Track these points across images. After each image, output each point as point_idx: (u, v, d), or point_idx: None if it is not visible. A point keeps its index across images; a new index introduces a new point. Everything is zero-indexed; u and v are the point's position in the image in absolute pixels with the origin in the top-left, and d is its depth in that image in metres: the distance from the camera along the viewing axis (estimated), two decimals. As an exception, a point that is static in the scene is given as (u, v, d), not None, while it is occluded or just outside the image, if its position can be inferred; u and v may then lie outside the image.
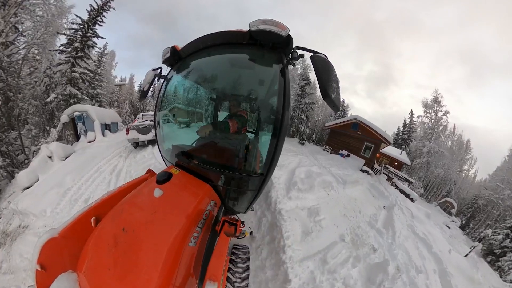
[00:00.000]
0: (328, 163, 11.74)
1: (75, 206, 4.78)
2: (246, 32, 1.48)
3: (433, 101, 26.93)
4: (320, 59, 1.23)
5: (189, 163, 1.94)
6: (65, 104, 14.17)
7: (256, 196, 2.05)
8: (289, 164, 7.21)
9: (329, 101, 1.18)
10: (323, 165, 10.64)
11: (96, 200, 1.63)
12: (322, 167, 9.67)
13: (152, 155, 7.25)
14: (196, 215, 1.50)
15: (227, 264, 2.10)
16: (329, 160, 13.04)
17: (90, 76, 16.32)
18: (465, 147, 30.66)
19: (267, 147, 1.68)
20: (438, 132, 25.74)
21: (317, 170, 7.34)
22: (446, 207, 23.21)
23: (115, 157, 7.75)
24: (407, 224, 6.68)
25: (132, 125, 8.56)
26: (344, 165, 13.03)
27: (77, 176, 6.21)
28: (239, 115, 2.55)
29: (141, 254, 1.15)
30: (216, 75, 2.58)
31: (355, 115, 18.05)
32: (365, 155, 16.12)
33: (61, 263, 1.28)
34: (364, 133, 16.38)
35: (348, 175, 9.17)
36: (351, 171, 10.93)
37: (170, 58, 2.02)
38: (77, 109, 11.73)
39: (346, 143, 17.45)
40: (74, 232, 1.41)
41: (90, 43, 15.70)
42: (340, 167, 11.27)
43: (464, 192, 28.30)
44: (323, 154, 15.73)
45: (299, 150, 14.64)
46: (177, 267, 1.20)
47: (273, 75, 1.73)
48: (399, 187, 15.47)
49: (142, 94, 2.24)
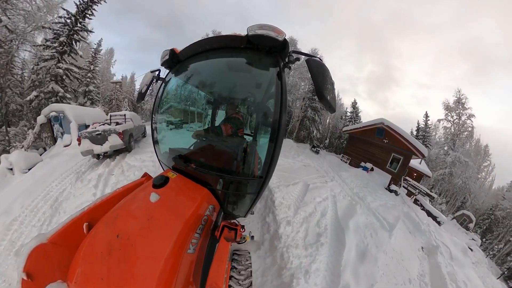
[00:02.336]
0: (356, 184, 9.98)
1: (17, 246, 3.64)
2: (244, 37, 1.55)
3: (456, 102, 24.33)
4: (315, 62, 1.31)
5: (187, 167, 1.92)
6: (47, 103, 13.51)
7: (255, 200, 2.09)
8: (325, 209, 5.23)
9: (325, 102, 1.24)
10: (355, 190, 8.72)
11: (89, 205, 1.62)
12: (358, 198, 7.73)
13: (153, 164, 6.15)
14: (194, 220, 1.47)
15: (228, 271, 1.97)
16: (355, 178, 11.09)
17: (77, 72, 15.58)
18: (483, 153, 28.49)
19: (265, 150, 1.72)
20: (461, 139, 23.19)
21: (363, 216, 5.72)
22: (463, 221, 21.58)
23: (71, 175, 6.16)
24: (447, 271, 5.42)
25: (84, 133, 6.84)
26: (372, 184, 11.14)
27: (26, 200, 4.89)
28: (233, 118, 2.60)
29: (137, 263, 1.12)
30: (214, 78, 2.64)
31: (381, 118, 14.75)
32: (391, 168, 13.81)
33: (49, 272, 1.22)
34: (391, 142, 13.81)
35: (386, 208, 7.86)
36: (383, 196, 9.65)
37: (169, 60, 2.07)
38: (53, 109, 10.65)
39: (369, 153, 14.88)
40: (64, 238, 1.37)
41: (77, 37, 14.96)
42: (372, 191, 9.71)
43: (480, 201, 26.47)
44: (346, 169, 13.40)
45: (317, 162, 12.63)
46: (175, 276, 1.16)
47: (270, 79, 1.81)
48: (425, 207, 13.38)
49: (139, 95, 2.27)
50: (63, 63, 14.39)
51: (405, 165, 13.44)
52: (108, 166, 6.43)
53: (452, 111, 24.71)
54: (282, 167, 7.85)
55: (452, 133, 24.06)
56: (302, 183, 6.39)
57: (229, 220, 2.27)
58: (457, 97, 24.64)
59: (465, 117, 24.05)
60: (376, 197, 9.10)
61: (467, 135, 24.03)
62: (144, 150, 8.07)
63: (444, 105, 25.38)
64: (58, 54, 14.22)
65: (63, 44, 14.30)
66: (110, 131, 7.00)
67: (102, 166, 6.46)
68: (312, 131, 18.76)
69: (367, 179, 12.00)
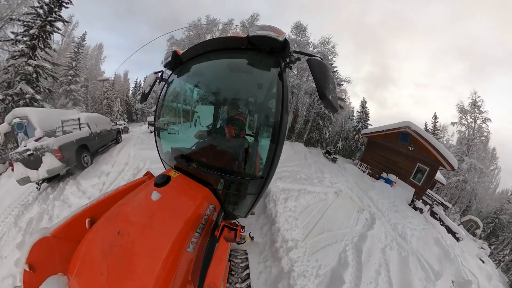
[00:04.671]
0: (385, 205, 9.31)
1: None
2: (245, 38, 1.58)
3: (472, 105, 23.17)
4: (316, 61, 1.30)
5: (188, 166, 1.96)
6: (15, 107, 11.84)
7: (256, 200, 2.12)
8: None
9: (327, 102, 1.23)
10: (389, 218, 7.93)
11: (92, 201, 1.65)
12: (399, 236, 6.90)
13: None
14: (195, 219, 1.50)
15: (227, 271, 2.03)
16: (382, 196, 10.16)
17: (50, 69, 13.85)
18: (491, 157, 27.90)
19: (267, 150, 1.74)
20: (476, 144, 22.26)
21: (416, 272, 4.70)
22: (470, 227, 21.37)
23: (16, 209, 4.61)
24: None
25: (15, 154, 5.10)
26: (398, 203, 10.31)
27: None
28: (236, 120, 2.61)
29: (137, 260, 1.15)
30: (215, 80, 2.68)
31: (407, 121, 12.81)
32: (415, 180, 12.28)
33: (51, 265, 1.26)
34: (417, 150, 12.17)
35: (421, 240, 7.15)
36: (412, 219, 8.77)
37: (171, 62, 2.11)
38: (17, 114, 8.95)
39: (390, 162, 13.18)
40: (67, 232, 1.41)
41: (50, 29, 13.11)
42: (404, 216, 8.70)
43: (484, 204, 26.27)
44: (368, 182, 11.55)
45: (342, 178, 10.42)
46: (174, 274, 1.18)
47: (272, 79, 1.82)
48: (445, 222, 12.60)
49: (143, 96, 2.32)
50: (34, 59, 12.68)
51: (431, 177, 11.89)
52: (46, 201, 4.67)
53: (467, 114, 23.68)
54: (313, 209, 5.41)
55: (467, 138, 23.01)
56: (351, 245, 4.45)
57: (229, 220, 2.28)
58: (473, 99, 23.53)
59: (480, 121, 23.07)
60: (407, 222, 8.33)
61: (483, 141, 22.70)
62: (98, 168, 6.20)
63: (458, 107, 24.25)
64: (29, 50, 12.47)
65: (34, 38, 12.49)
66: (43, 149, 5.11)
67: (37, 203, 4.70)
68: (325, 133, 17.48)
69: (393, 196, 11.12)
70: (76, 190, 5.08)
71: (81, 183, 5.40)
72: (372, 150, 14.78)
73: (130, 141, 10.28)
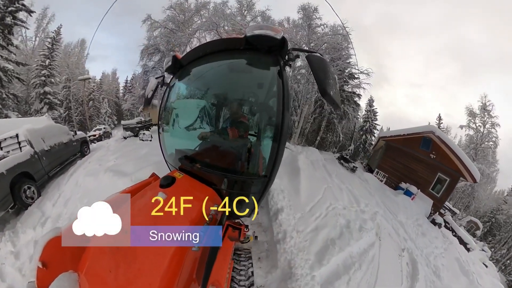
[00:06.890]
0: (411, 227, 8.72)
1: None
2: (242, 38, 1.59)
3: (482, 109, 22.66)
4: (316, 57, 1.29)
5: (192, 167, 2.00)
6: None
7: (260, 199, 2.10)
8: None
9: (329, 99, 1.22)
10: (424, 251, 7.51)
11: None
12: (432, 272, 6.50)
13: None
14: (200, 219, 1.55)
15: (231, 269, 1.96)
16: (406, 214, 9.84)
17: (13, 70, 11.90)
18: (491, 160, 28.07)
19: (269, 149, 1.75)
20: (484, 149, 22.03)
21: None
22: (470, 228, 22.00)
23: None
24: None
25: None
26: (421, 221, 9.87)
27: None
28: (239, 122, 2.61)
29: (143, 258, 1.21)
30: (215, 81, 2.72)
31: (430, 125, 12.30)
32: (433, 192, 11.41)
33: (62, 262, 1.33)
34: (439, 158, 11.14)
35: (447, 268, 6.72)
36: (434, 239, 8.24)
37: (172, 66, 2.14)
38: None
39: (409, 170, 11.98)
40: None
41: (11, 21, 10.90)
42: (430, 240, 8.15)
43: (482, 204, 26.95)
44: (398, 204, 9.72)
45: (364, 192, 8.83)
46: (179, 271, 1.24)
47: (271, 78, 1.84)
48: (457, 233, 12.33)
49: (146, 101, 2.37)
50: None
51: (451, 189, 11.07)
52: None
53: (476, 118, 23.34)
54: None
55: (475, 142, 22.60)
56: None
57: (234, 219, 2.30)
58: (483, 103, 23.07)
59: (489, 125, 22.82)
60: (433, 248, 7.65)
61: (492, 146, 21.87)
62: (41, 208, 4.41)
63: (467, 110, 23.81)
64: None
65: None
66: None
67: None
68: (339, 135, 16.59)
69: (415, 211, 10.75)
70: (12, 248, 3.40)
71: (19, 236, 3.69)
72: (390, 156, 13.21)
73: (93, 155, 8.04)
